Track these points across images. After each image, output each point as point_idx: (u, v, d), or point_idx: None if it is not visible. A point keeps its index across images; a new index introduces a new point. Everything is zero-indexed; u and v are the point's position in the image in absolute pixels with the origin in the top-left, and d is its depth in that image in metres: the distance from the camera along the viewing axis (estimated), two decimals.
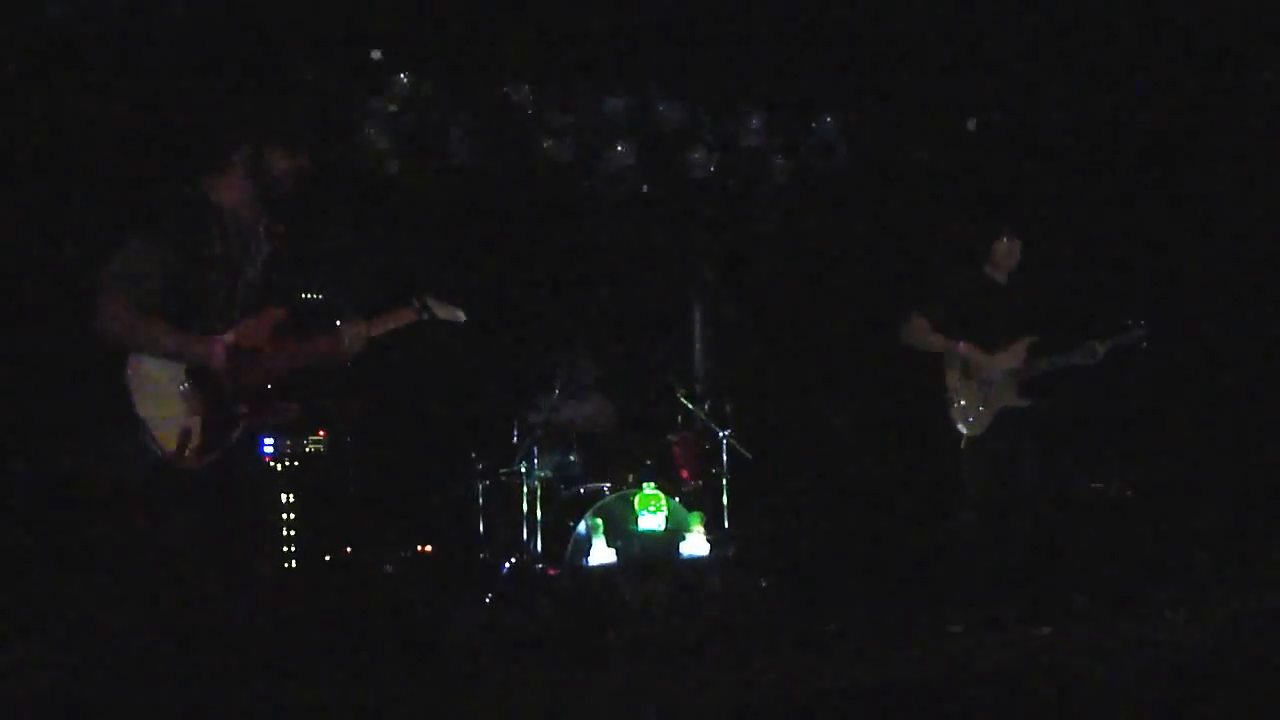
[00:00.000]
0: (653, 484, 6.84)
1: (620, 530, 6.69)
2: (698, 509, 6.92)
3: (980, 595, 6.41)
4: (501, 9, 7.10)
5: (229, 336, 4.23)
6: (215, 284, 4.30)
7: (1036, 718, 4.95)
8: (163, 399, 4.10)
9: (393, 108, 7.62)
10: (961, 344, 6.66)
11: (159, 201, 4.28)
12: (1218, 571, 7.07)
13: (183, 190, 4.34)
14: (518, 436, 7.23)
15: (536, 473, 6.93)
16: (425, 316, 4.68)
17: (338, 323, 4.57)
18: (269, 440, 6.48)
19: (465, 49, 7.57)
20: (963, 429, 6.66)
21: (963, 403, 6.67)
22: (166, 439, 4.07)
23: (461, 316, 4.85)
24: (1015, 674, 5.54)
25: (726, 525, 7.24)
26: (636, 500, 6.75)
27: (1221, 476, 7.68)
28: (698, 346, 9.01)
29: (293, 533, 6.62)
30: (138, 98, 6.19)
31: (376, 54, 7.03)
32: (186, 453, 4.09)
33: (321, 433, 6.97)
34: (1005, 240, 6.79)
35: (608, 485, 6.99)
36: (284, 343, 4.42)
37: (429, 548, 6.99)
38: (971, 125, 8.25)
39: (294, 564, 6.60)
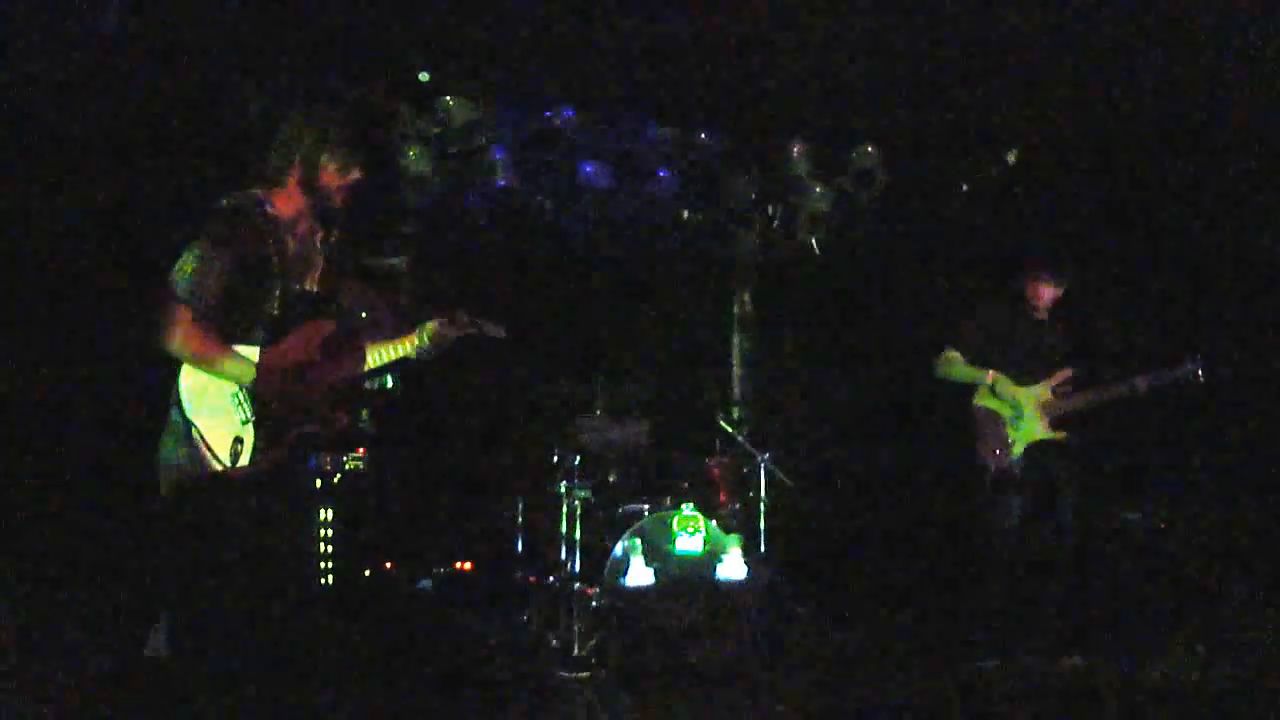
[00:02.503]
0: (692, 505, 6.86)
1: (658, 551, 6.71)
2: (735, 532, 6.94)
3: (1012, 625, 6.40)
4: (547, 34, 7.17)
5: (278, 358, 4.30)
6: (270, 295, 4.37)
7: None
8: (215, 409, 4.16)
9: (436, 129, 7.72)
10: (990, 374, 6.68)
11: (216, 213, 4.36)
12: (1251, 604, 7.02)
13: (241, 203, 4.41)
14: (557, 457, 7.27)
15: (576, 492, 6.96)
16: (473, 331, 4.74)
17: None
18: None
19: (510, 73, 7.65)
20: (992, 460, 6.66)
21: (993, 434, 6.68)
22: (219, 448, 4.13)
23: (503, 333, 4.92)
24: (1046, 705, 5.53)
25: (763, 549, 7.25)
26: (675, 521, 6.77)
27: (1257, 509, 7.63)
28: (736, 371, 9.04)
29: (331, 548, 6.66)
30: (198, 111, 6.31)
31: (424, 75, 7.11)
32: (238, 463, 4.15)
33: (361, 450, 7.02)
34: (1046, 287, 6.81)
35: (646, 506, 7.02)
36: (334, 355, 4.49)
37: (467, 565, 7.02)
38: (1011, 158, 8.26)
39: (332, 579, 6.64)
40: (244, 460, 4.16)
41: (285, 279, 4.41)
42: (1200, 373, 6.51)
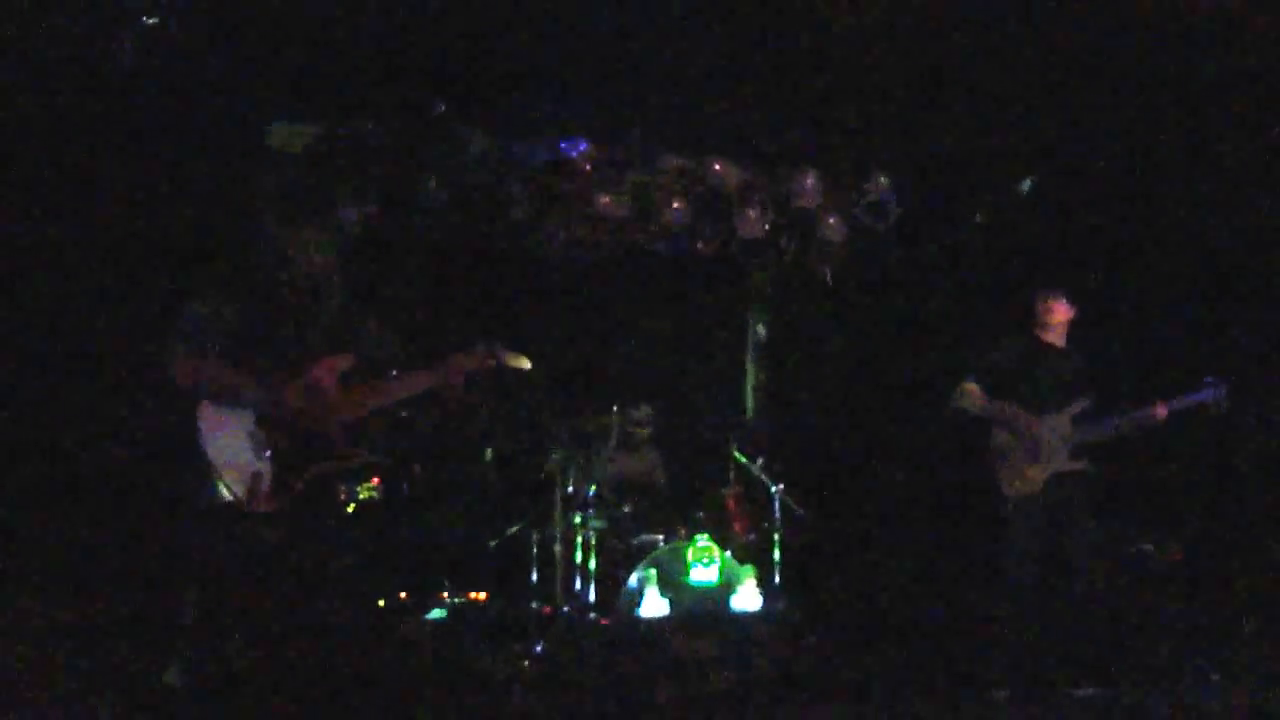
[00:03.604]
0: (706, 536, 6.87)
1: (673, 582, 6.73)
2: (750, 563, 6.95)
3: (1026, 656, 6.39)
4: (561, 65, 7.22)
5: (299, 380, 4.33)
6: (286, 330, 4.41)
7: None
8: (233, 443, 4.18)
9: (451, 161, 7.76)
10: (1006, 406, 6.67)
11: (233, 252, 4.41)
12: (1265, 637, 7.00)
13: (256, 241, 4.46)
14: (572, 488, 7.29)
15: (591, 523, 6.97)
16: (493, 364, 4.76)
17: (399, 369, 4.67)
18: None
19: (525, 104, 7.70)
20: (1011, 491, 6.66)
21: (1012, 465, 6.67)
22: (236, 483, 4.14)
23: (527, 364, 4.94)
24: None
25: (778, 580, 7.25)
26: (690, 552, 6.79)
27: (1271, 539, 7.62)
28: (750, 402, 9.05)
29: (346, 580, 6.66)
30: (214, 149, 6.36)
31: (440, 107, 7.16)
32: (256, 497, 4.17)
33: (375, 480, 7.04)
34: (1058, 304, 6.82)
35: (661, 537, 7.04)
36: (352, 389, 4.52)
37: (482, 595, 7.03)
38: (1025, 188, 8.27)
39: (347, 610, 6.64)
40: (262, 495, 4.19)
41: (301, 314, 4.45)
42: (1222, 398, 6.52)
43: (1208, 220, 8.06)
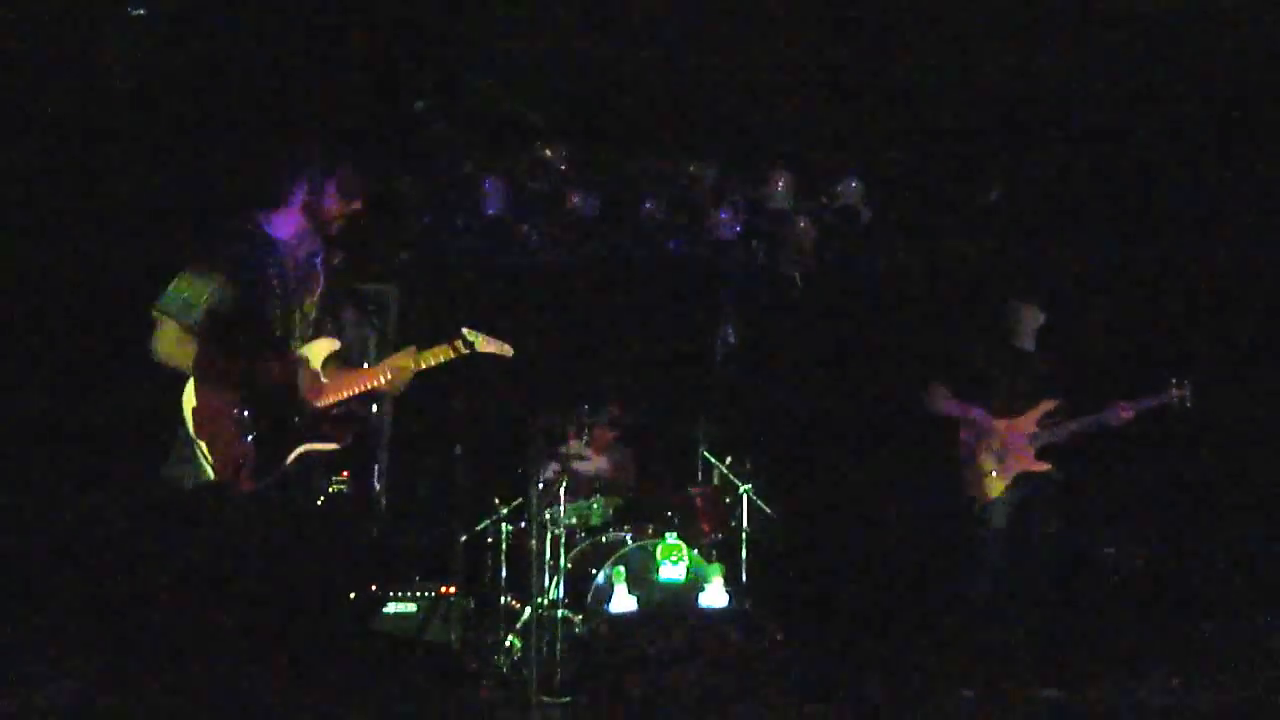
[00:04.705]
0: (675, 534, 6.92)
1: (642, 579, 6.77)
2: (717, 562, 6.99)
3: (992, 656, 6.46)
4: (536, 65, 7.25)
5: (282, 377, 4.36)
6: (271, 314, 4.44)
7: None
8: (218, 422, 4.22)
9: (426, 157, 7.79)
10: (973, 410, 6.76)
11: (219, 234, 4.43)
12: (1222, 641, 7.10)
13: (242, 224, 4.49)
14: (542, 484, 7.32)
15: (562, 520, 7.00)
16: (468, 350, 4.79)
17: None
18: None
19: (501, 105, 7.72)
20: (977, 492, 6.74)
21: (979, 466, 6.75)
22: (220, 461, 4.19)
23: (509, 350, 4.98)
24: None
25: (745, 579, 7.30)
26: (659, 550, 6.83)
27: (1235, 544, 7.72)
28: (719, 402, 9.09)
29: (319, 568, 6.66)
30: (203, 135, 6.37)
31: (420, 104, 7.18)
32: (240, 475, 4.21)
33: (344, 474, 7.04)
34: (1026, 306, 6.92)
35: (630, 534, 7.08)
36: (337, 373, 4.55)
37: (451, 589, 7.03)
38: (994, 195, 8.36)
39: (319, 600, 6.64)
40: (246, 477, 4.21)
41: (286, 299, 4.48)
42: (1186, 397, 6.62)
43: (1175, 223, 8.16)
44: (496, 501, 7.38)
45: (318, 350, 4.52)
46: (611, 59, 7.16)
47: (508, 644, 6.71)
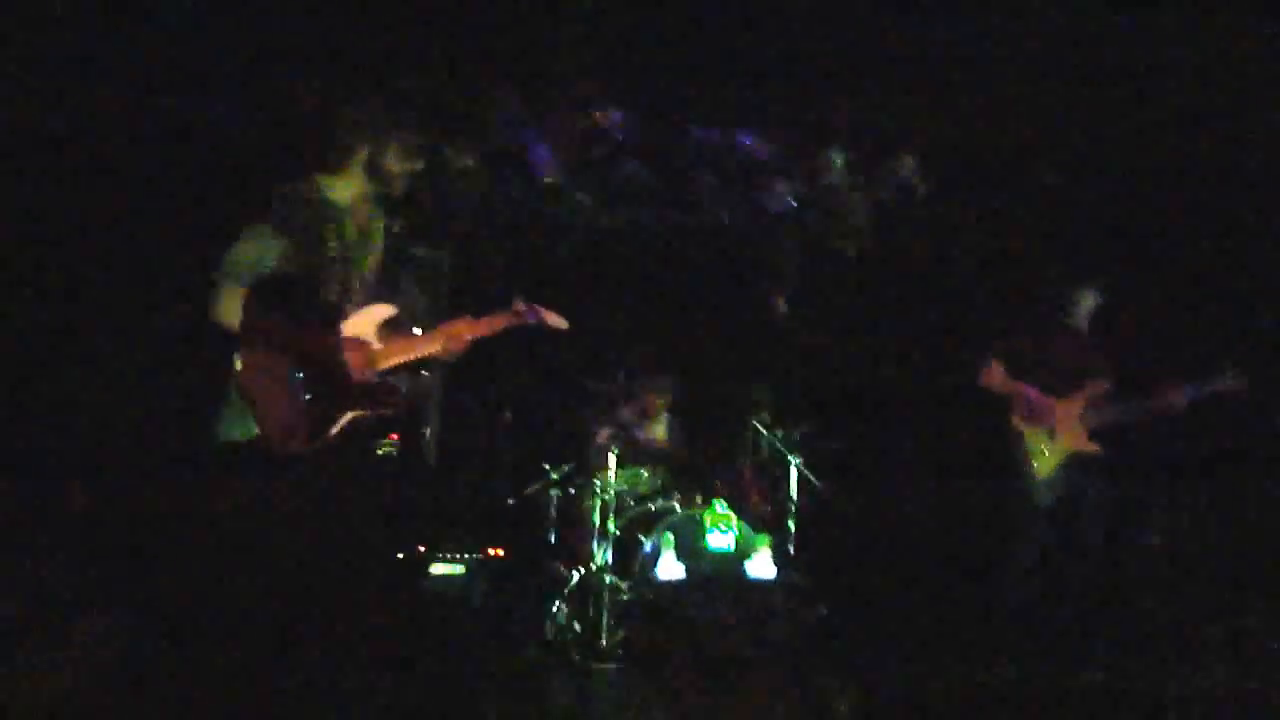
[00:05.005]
0: (723, 503, 6.94)
1: (690, 546, 6.79)
2: (764, 532, 7.01)
3: (1034, 635, 6.46)
4: (591, 33, 7.25)
5: (339, 340, 4.39)
6: (330, 278, 4.47)
7: None
8: (271, 386, 4.23)
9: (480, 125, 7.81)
10: (1024, 388, 6.75)
11: (279, 197, 4.47)
12: (1272, 627, 7.05)
13: (302, 188, 4.52)
14: (594, 451, 7.37)
15: (612, 486, 7.03)
16: (532, 320, 4.81)
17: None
18: None
19: (556, 70, 7.73)
20: (1027, 470, 6.73)
21: (1030, 445, 6.75)
22: (273, 425, 4.21)
23: (564, 323, 5.00)
24: (1068, 715, 5.58)
25: (792, 550, 7.32)
26: (707, 518, 6.86)
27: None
28: (770, 374, 9.08)
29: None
30: (264, 98, 6.42)
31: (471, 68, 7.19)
32: (289, 438, 4.23)
33: (393, 435, 7.09)
34: (1082, 288, 6.89)
35: (679, 502, 7.11)
36: (392, 339, 4.59)
37: (500, 552, 7.08)
38: (1051, 178, 8.30)
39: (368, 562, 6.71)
40: (296, 440, 4.25)
41: (345, 264, 4.52)
42: (1240, 386, 6.58)
43: (1234, 210, 8.07)
44: (546, 467, 7.41)
45: (374, 315, 4.53)
46: (670, 27, 7.16)
47: (555, 609, 6.75)
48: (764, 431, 7.79)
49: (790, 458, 7.51)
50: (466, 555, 7.04)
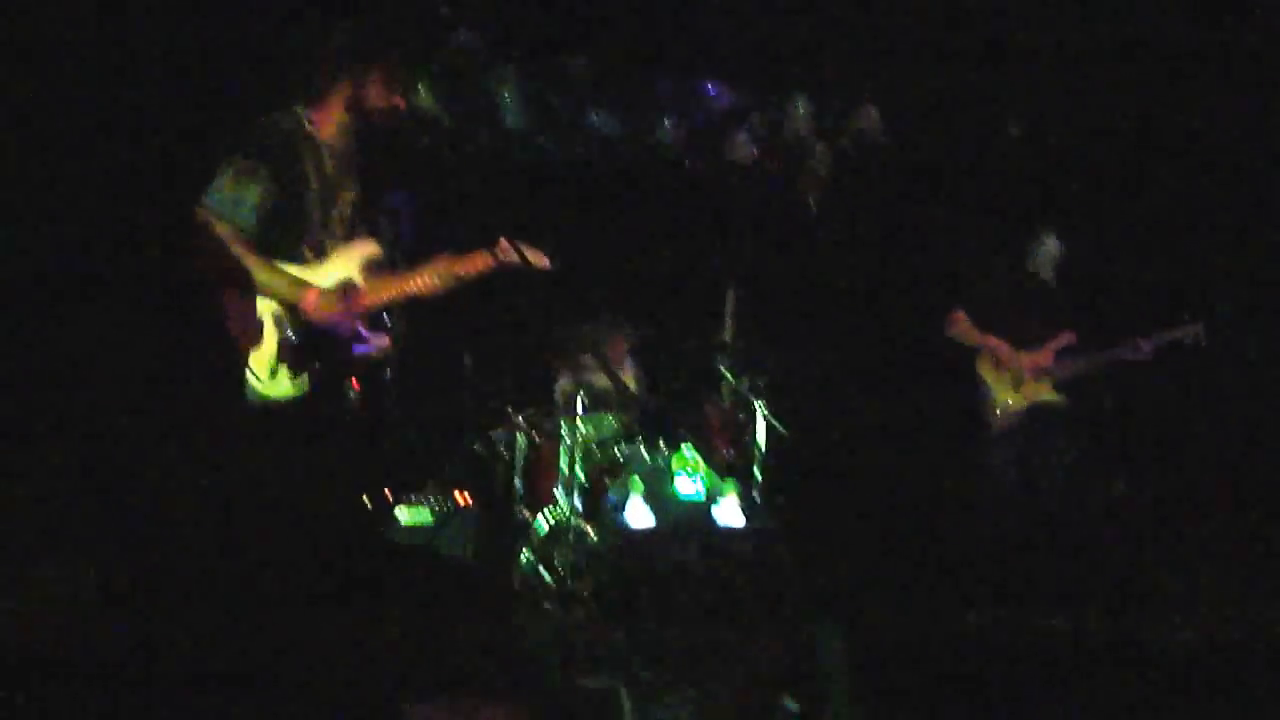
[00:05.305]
0: (690, 446, 6.92)
1: (657, 492, 6.77)
2: (730, 478, 7.00)
3: (1000, 583, 6.50)
4: None
5: (321, 279, 4.31)
6: (310, 214, 4.39)
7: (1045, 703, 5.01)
8: (256, 324, 4.18)
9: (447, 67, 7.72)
10: (991, 339, 6.79)
11: (259, 128, 4.36)
12: (1226, 581, 7.14)
13: (282, 120, 4.42)
14: (557, 396, 7.32)
15: (578, 431, 6.98)
16: (514, 259, 4.74)
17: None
18: None
19: (523, 16, 7.65)
20: (992, 419, 6.78)
21: (995, 395, 6.79)
22: (258, 368, 4.17)
23: (547, 263, 4.93)
24: (1028, 661, 5.63)
25: (757, 497, 7.31)
26: (674, 461, 6.84)
27: (1251, 487, 7.74)
28: (730, 323, 9.06)
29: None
30: (242, 28, 6.28)
31: (445, 9, 7.10)
32: (276, 382, 4.18)
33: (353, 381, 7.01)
34: (1047, 237, 6.93)
35: (644, 447, 7.07)
36: (375, 277, 4.51)
37: (465, 498, 7.03)
38: (1015, 130, 8.33)
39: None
40: (283, 379, 4.19)
41: (325, 200, 4.43)
42: (1201, 334, 6.65)
43: (1196, 160, 8.15)
44: (510, 410, 7.34)
45: (356, 253, 4.47)
46: None
47: (522, 558, 6.71)
48: (729, 377, 7.75)
49: (756, 404, 7.48)
50: (433, 498, 6.99)
